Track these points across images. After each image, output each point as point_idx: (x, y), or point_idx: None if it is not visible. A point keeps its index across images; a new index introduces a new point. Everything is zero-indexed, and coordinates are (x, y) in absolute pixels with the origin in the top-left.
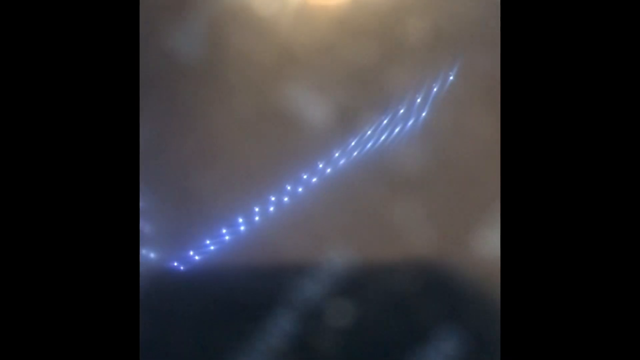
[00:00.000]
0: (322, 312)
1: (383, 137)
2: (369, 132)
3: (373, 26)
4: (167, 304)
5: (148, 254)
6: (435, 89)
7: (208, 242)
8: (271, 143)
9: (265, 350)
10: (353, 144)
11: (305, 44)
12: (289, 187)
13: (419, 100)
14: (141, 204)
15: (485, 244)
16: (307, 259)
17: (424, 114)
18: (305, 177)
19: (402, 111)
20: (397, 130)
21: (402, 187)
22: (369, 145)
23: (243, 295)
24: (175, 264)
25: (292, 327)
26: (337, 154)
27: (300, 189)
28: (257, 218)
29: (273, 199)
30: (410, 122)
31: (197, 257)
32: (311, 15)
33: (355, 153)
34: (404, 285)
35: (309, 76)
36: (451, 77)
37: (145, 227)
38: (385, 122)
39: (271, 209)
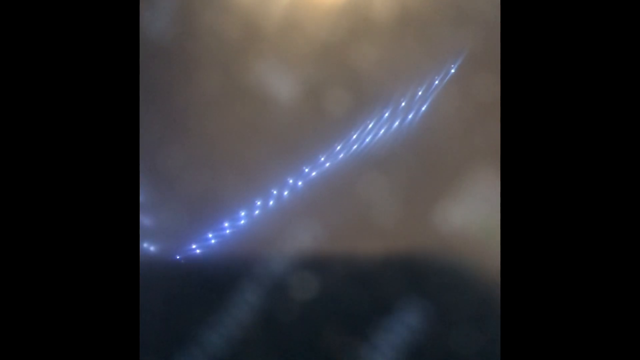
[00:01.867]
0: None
1: (383, 130)
2: (370, 125)
3: (342, 3)
4: (166, 294)
5: (149, 247)
6: (436, 82)
7: (210, 235)
8: (254, 127)
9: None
10: (355, 136)
11: (275, 21)
12: (290, 181)
13: (419, 92)
14: (142, 198)
15: (449, 219)
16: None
17: (423, 108)
18: (306, 170)
19: (402, 104)
20: (396, 123)
21: (375, 165)
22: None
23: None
24: (177, 257)
25: (258, 301)
26: (338, 147)
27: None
28: (257, 212)
29: (275, 192)
30: (410, 116)
31: (198, 251)
32: None
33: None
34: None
35: (278, 53)
36: (452, 70)
37: (145, 220)
38: (386, 115)
39: (271, 202)
